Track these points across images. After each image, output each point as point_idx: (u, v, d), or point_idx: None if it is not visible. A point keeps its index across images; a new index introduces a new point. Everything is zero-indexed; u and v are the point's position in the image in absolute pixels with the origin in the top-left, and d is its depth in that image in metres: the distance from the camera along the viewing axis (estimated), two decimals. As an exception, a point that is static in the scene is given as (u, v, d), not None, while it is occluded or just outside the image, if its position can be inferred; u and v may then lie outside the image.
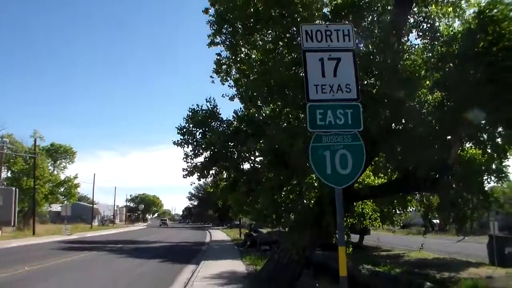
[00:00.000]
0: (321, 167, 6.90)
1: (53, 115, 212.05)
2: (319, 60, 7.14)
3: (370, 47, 13.57)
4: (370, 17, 14.50)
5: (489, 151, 14.92)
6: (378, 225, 23.81)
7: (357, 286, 17.23)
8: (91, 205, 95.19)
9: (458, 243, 44.44)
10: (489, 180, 16.22)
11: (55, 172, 75.22)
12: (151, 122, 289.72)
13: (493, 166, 15.55)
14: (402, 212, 25.58)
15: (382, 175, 18.62)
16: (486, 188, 15.91)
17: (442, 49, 13.16)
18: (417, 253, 32.83)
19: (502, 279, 19.02)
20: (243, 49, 15.56)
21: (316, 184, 14.37)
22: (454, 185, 14.77)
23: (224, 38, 15.41)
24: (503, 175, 15.75)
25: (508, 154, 15.29)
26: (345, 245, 19.21)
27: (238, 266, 22.62)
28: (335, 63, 7.14)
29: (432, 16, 14.20)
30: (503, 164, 15.77)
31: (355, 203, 17.66)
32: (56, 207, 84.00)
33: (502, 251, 23.77)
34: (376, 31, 13.86)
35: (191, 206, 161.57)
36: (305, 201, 15.35)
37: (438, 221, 53.10)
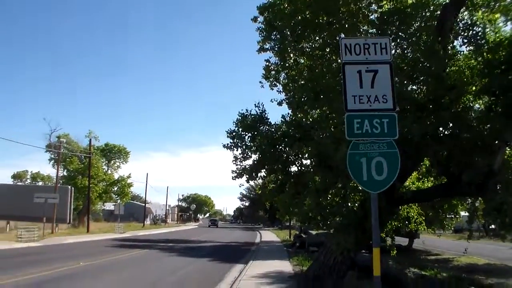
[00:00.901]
0: (358, 173, 7.33)
1: (107, 116, 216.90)
2: (357, 72, 7.56)
3: (416, 54, 13.76)
4: (417, 23, 14.70)
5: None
6: (423, 229, 23.80)
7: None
8: (144, 204, 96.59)
9: (512, 250, 43.52)
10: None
11: (109, 172, 77.00)
12: (203, 124, 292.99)
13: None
14: (452, 216, 25.46)
15: (427, 180, 18.76)
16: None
17: (488, 55, 13.29)
18: (467, 258, 32.37)
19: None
20: (291, 55, 15.99)
21: (360, 188, 14.69)
22: (499, 191, 14.80)
23: (273, 44, 15.88)
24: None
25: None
26: (390, 248, 19.49)
27: (285, 266, 22.95)
28: (372, 74, 7.54)
29: (478, 22, 14.31)
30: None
31: (400, 207, 17.89)
32: (109, 206, 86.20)
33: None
34: (422, 38, 14.05)
35: (242, 206, 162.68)
36: (349, 204, 15.63)
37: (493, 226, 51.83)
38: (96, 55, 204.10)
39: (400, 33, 14.31)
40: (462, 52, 14.48)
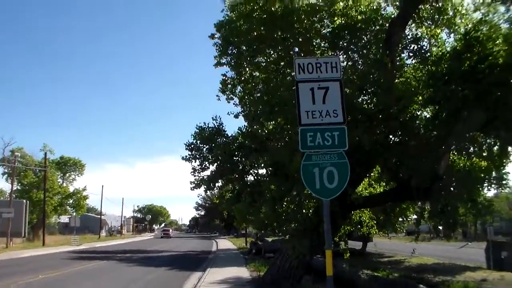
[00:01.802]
0: (311, 182, 7.94)
1: (62, 129, 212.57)
2: (310, 89, 8.19)
3: (366, 67, 14.48)
4: (367, 37, 15.45)
5: (482, 162, 15.93)
6: (375, 232, 24.69)
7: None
8: (99, 216, 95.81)
9: (461, 249, 45.03)
10: (489, 187, 17.19)
11: (64, 184, 76.23)
12: (158, 136, 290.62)
13: (494, 174, 16.51)
14: (404, 219, 26.40)
15: (379, 185, 19.56)
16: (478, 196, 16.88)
17: (432, 67, 14.16)
18: (417, 259, 33.48)
19: (494, 282, 19.81)
20: (247, 69, 16.50)
21: (313, 195, 15.28)
22: (443, 194, 15.66)
23: (229, 59, 16.38)
24: (504, 182, 16.68)
25: (504, 162, 16.26)
26: (344, 251, 20.23)
27: (243, 272, 23.31)
28: (324, 91, 8.17)
29: (423, 37, 15.18)
30: (504, 171, 16.72)
31: (352, 212, 18.62)
32: (64, 219, 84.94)
33: (499, 255, 24.62)
34: (371, 51, 14.81)
35: (198, 216, 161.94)
36: (304, 211, 16.20)
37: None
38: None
39: (351, 47, 15.04)
40: (409, 65, 15.29)
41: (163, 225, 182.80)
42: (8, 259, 32.32)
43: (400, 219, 26.36)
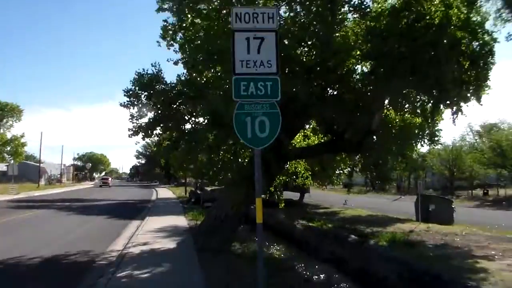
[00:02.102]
0: (242, 131, 8.05)
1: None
2: (245, 39, 8.18)
3: (307, 19, 14.52)
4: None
5: (416, 118, 16.47)
6: (309, 183, 25.33)
7: (292, 239, 18.68)
8: (38, 164, 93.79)
9: (394, 202, 46.75)
10: (422, 143, 17.82)
11: (1, 131, 73.92)
12: (98, 81, 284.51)
13: (427, 131, 17.10)
14: (340, 172, 27.16)
15: (314, 137, 19.97)
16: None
17: (371, 23, 14.36)
18: (352, 211, 34.60)
19: (420, 232, 20.80)
20: (188, 16, 16.26)
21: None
22: (376, 147, 16.18)
23: (171, 4, 16.10)
24: (436, 138, 17.30)
25: (436, 120, 16.85)
26: (279, 201, 20.75)
27: (181, 221, 23.65)
28: (259, 41, 8.20)
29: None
30: (436, 128, 17.33)
31: (288, 163, 19.01)
32: (2, 167, 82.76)
33: (427, 208, 25.85)
34: (313, 3, 14.82)
35: (138, 164, 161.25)
36: (239, 160, 16.43)
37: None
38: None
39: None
40: (349, 19, 15.44)
41: (103, 173, 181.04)
42: None
43: (337, 172, 27.13)
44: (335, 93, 15.37)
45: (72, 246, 15.55)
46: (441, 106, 15.29)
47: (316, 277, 12.24)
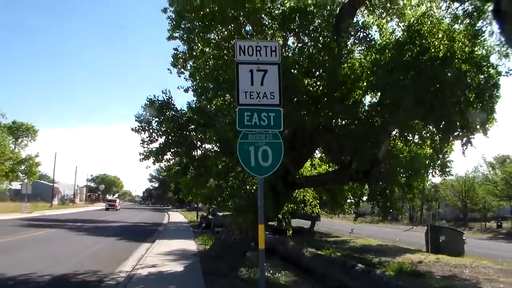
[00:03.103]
0: (246, 160, 8.36)
1: (14, 92, 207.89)
2: (249, 71, 8.54)
3: (314, 50, 14.86)
4: (317, 21, 15.82)
5: (427, 149, 16.64)
6: (317, 211, 25.41)
7: (300, 266, 18.79)
8: (52, 184, 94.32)
9: (405, 232, 46.61)
10: (433, 174, 17.92)
11: (16, 150, 74.71)
12: (114, 104, 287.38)
13: (438, 162, 17.20)
14: (352, 201, 27.17)
15: (323, 167, 20.18)
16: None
17: (376, 56, 14.67)
18: (363, 240, 34.58)
19: (429, 263, 20.80)
20: (199, 45, 16.68)
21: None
22: (382, 177, 16.32)
23: (182, 33, 16.55)
24: (447, 169, 17.41)
25: (446, 151, 17.00)
26: (286, 229, 20.90)
27: (190, 245, 23.83)
28: (262, 74, 8.54)
29: (370, 25, 15.66)
30: (447, 159, 17.45)
31: (296, 191, 19.20)
32: (16, 185, 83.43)
33: (437, 239, 25.78)
34: (320, 35, 15.19)
35: (151, 188, 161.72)
36: (248, 187, 16.64)
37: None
38: None
39: (301, 29, 15.39)
40: (354, 51, 15.76)
41: (116, 195, 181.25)
42: (-45, 225, 31.64)
43: (349, 201, 27.17)
44: (342, 123, 15.59)
45: (81, 265, 15.80)
46: (450, 137, 15.49)
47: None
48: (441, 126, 14.89)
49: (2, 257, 16.96)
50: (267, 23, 15.97)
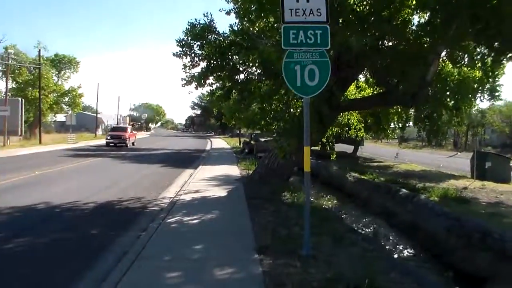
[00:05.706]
0: (292, 79, 8.04)
1: (54, 25, 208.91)
2: (294, -14, 8.09)
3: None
4: None
5: (476, 72, 15.98)
6: (362, 135, 25.12)
7: (344, 191, 18.77)
8: (95, 115, 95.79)
9: (450, 158, 45.92)
10: (482, 98, 17.32)
11: (59, 82, 75.41)
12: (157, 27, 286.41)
13: (487, 86, 16.60)
14: (395, 125, 26.74)
15: (368, 89, 19.69)
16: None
17: (428, -29, 13.85)
18: (406, 165, 34.16)
19: (474, 190, 20.40)
20: (242, -35, 16.13)
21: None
22: (430, 100, 15.84)
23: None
24: (496, 94, 16.80)
25: (497, 74, 16.32)
26: (330, 153, 20.72)
27: (233, 170, 24.03)
28: (309, -11, 8.09)
29: None
30: (497, 83, 16.80)
31: (341, 114, 18.89)
32: (60, 117, 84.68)
33: (483, 165, 25.18)
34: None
35: (194, 115, 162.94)
36: (291, 110, 16.40)
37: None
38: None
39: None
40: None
41: (159, 124, 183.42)
42: (5, 157, 32.46)
43: (392, 125, 26.74)
44: (389, 44, 15.02)
45: (125, 192, 16.07)
46: (503, 60, 14.74)
47: (363, 228, 12.34)
48: (495, 46, 14.11)
49: (49, 186, 17.28)
50: None
